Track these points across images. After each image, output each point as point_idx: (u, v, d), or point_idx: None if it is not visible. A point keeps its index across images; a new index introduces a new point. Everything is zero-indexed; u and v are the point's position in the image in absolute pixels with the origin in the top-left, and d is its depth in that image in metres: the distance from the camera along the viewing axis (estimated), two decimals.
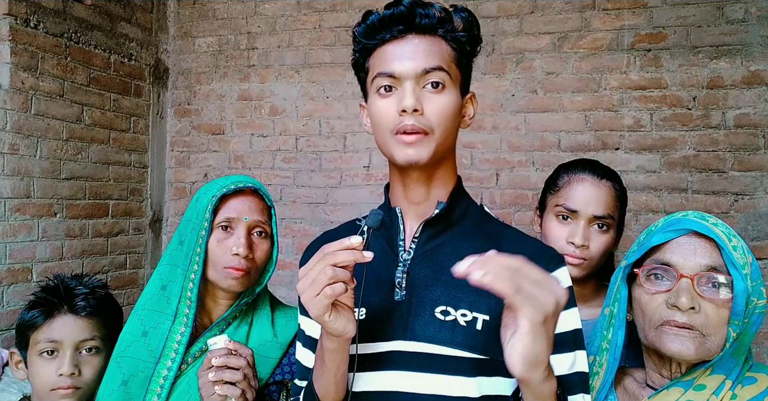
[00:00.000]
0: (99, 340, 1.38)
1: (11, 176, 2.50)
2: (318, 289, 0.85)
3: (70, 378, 1.32)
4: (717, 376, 1.04)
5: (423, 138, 0.97)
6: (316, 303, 0.86)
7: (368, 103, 1.05)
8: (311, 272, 0.87)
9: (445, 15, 1.01)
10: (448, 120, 1.00)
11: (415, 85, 0.98)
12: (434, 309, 0.99)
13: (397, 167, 1.03)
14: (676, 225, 1.09)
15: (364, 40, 1.03)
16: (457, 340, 0.97)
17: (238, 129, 3.28)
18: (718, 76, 2.59)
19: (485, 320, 0.98)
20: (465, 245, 1.04)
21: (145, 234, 3.30)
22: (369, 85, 1.04)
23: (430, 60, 0.98)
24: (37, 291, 1.41)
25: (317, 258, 0.88)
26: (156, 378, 1.25)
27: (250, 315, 1.37)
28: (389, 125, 0.99)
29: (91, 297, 1.39)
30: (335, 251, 0.87)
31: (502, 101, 2.86)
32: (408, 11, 0.98)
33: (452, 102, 1.00)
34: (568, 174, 1.51)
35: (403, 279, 1.02)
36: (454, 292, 1.00)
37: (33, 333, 1.36)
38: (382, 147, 1.03)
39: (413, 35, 0.99)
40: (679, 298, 1.03)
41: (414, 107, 0.96)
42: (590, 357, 1.18)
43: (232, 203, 1.32)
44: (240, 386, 1.14)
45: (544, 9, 2.82)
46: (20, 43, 2.51)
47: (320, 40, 3.14)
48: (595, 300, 1.52)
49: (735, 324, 1.02)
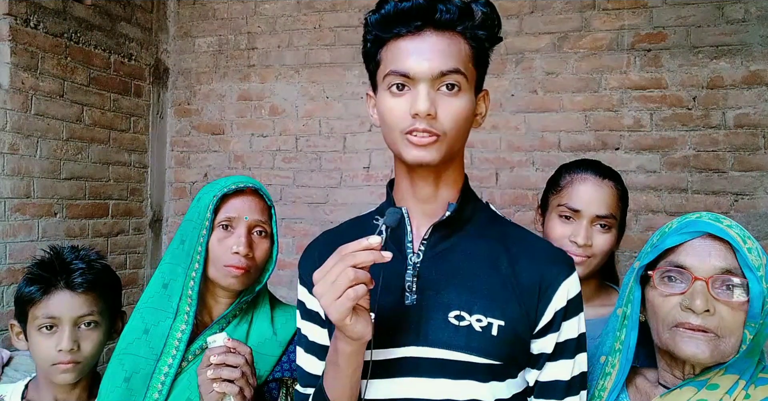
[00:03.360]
0: (97, 314, 1.38)
1: (11, 176, 2.50)
2: (339, 292, 0.82)
3: (69, 354, 1.33)
4: (730, 376, 1.03)
5: (435, 141, 0.94)
6: (337, 306, 0.83)
7: (378, 97, 1.00)
8: (329, 274, 0.84)
9: (465, 9, 0.94)
10: (460, 123, 0.96)
11: (430, 88, 0.93)
12: (447, 314, 0.97)
13: (405, 164, 0.99)
14: (691, 227, 1.08)
15: (377, 31, 0.97)
16: (473, 346, 0.95)
17: (238, 129, 3.28)
18: (718, 76, 2.59)
19: (500, 325, 0.96)
20: (476, 246, 1.02)
21: (145, 234, 3.29)
22: (380, 79, 0.98)
23: (448, 61, 0.93)
24: (33, 265, 1.40)
25: (334, 259, 0.84)
26: (157, 375, 1.26)
27: (250, 313, 1.38)
28: (400, 125, 0.95)
29: (89, 272, 1.38)
30: (354, 252, 0.83)
31: (502, 100, 2.86)
32: (428, 5, 0.92)
33: (466, 105, 0.96)
34: (570, 174, 1.51)
35: (414, 283, 0.98)
36: (467, 296, 0.97)
37: (31, 308, 1.36)
38: (390, 144, 0.99)
39: (431, 32, 0.94)
40: (694, 301, 1.01)
41: (428, 111, 0.91)
42: (602, 358, 1.18)
43: (232, 202, 1.33)
44: (238, 383, 1.15)
45: (544, 9, 2.82)
46: (20, 43, 2.51)
47: (320, 40, 3.14)
48: (597, 300, 1.52)
49: (751, 326, 1.02)
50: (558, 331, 0.99)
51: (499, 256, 1.01)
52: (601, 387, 1.16)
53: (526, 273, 0.99)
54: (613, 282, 1.60)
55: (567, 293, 0.99)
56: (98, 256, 1.46)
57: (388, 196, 1.08)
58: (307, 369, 1.08)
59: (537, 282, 0.98)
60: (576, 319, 1.01)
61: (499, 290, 0.98)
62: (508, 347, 0.96)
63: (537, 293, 0.98)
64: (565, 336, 1.00)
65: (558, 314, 0.98)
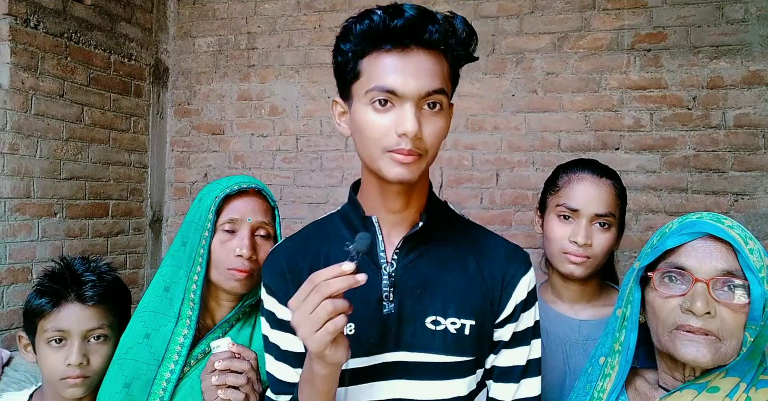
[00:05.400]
0: (107, 328, 1.36)
1: (11, 176, 2.50)
2: (318, 325, 0.81)
3: (78, 368, 1.31)
4: (731, 379, 1.02)
5: (417, 159, 0.94)
6: (316, 339, 0.82)
7: (354, 108, 0.97)
8: (305, 305, 0.82)
9: (450, 29, 0.95)
10: (440, 140, 0.98)
11: (415, 107, 0.92)
12: (425, 320, 1.01)
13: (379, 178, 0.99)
14: (691, 228, 1.07)
15: (360, 42, 0.95)
16: (450, 347, 1.00)
17: (238, 129, 3.28)
18: (718, 76, 2.59)
19: (472, 325, 1.02)
20: (444, 251, 1.06)
21: (145, 234, 3.29)
22: (358, 91, 0.96)
23: (433, 81, 0.93)
24: (43, 277, 1.38)
25: (308, 289, 0.83)
26: (159, 381, 1.24)
27: (254, 316, 1.36)
28: (383, 142, 0.93)
29: (99, 285, 1.36)
30: (328, 281, 0.82)
31: (502, 100, 2.86)
32: (419, 24, 0.92)
33: (446, 122, 0.98)
34: (567, 174, 1.51)
35: (391, 292, 1.01)
36: (440, 301, 1.02)
37: (40, 320, 1.34)
38: (366, 157, 0.98)
39: (417, 50, 0.93)
40: (695, 303, 1.00)
41: (416, 133, 0.91)
42: (602, 359, 1.18)
43: (235, 204, 1.31)
44: (243, 390, 1.14)
45: (544, 9, 2.82)
46: (20, 43, 2.51)
47: (320, 40, 3.14)
48: (598, 300, 1.52)
49: (752, 329, 1.00)
50: (517, 321, 1.06)
51: (466, 256, 1.06)
52: (601, 388, 1.15)
53: (489, 270, 1.06)
54: (612, 282, 1.60)
55: (527, 286, 1.07)
56: (109, 268, 1.43)
57: (354, 201, 1.09)
58: (280, 377, 1.07)
59: (500, 278, 1.05)
60: (533, 309, 1.08)
61: (469, 291, 1.03)
62: (479, 343, 1.03)
63: (500, 288, 1.05)
64: (525, 325, 1.07)
65: (518, 306, 1.06)
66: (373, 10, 0.95)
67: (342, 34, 0.99)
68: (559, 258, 1.46)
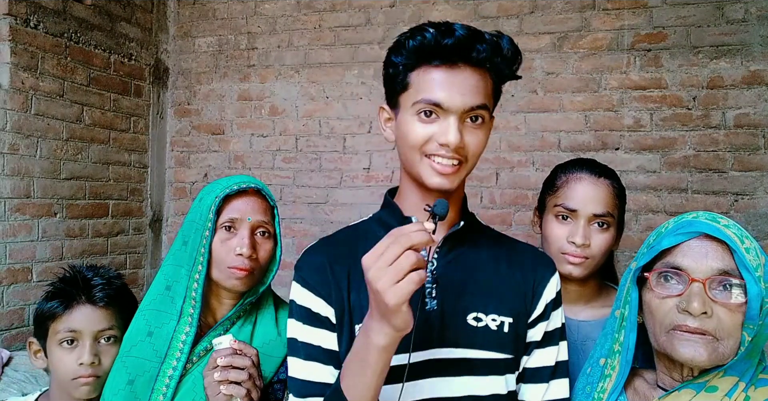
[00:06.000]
0: (116, 329, 1.39)
1: (11, 176, 2.50)
2: (400, 275, 0.80)
3: (90, 368, 1.34)
4: (730, 378, 1.02)
5: (457, 169, 1.00)
6: (397, 290, 0.80)
7: (400, 117, 1.04)
8: (386, 255, 0.81)
9: (496, 48, 1.00)
10: (480, 152, 1.03)
11: (459, 121, 0.98)
12: (466, 317, 1.04)
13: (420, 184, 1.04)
14: (687, 228, 1.06)
15: (412, 56, 1.00)
16: (491, 344, 1.04)
17: (238, 129, 3.28)
18: (718, 76, 2.59)
19: (510, 322, 1.06)
20: (478, 253, 1.10)
21: (145, 234, 3.29)
22: (405, 102, 1.02)
23: (477, 97, 0.99)
24: (55, 281, 1.42)
25: (388, 241, 0.82)
26: (161, 378, 1.26)
27: (254, 314, 1.38)
28: (424, 148, 1.00)
29: (108, 288, 1.41)
30: (410, 234, 0.82)
31: (502, 100, 2.81)
32: (468, 43, 0.97)
33: (487, 135, 1.04)
34: (565, 174, 1.50)
35: (433, 289, 1.04)
36: (481, 298, 1.06)
37: (52, 322, 1.37)
38: (407, 162, 1.04)
39: (464, 67, 0.99)
40: (691, 303, 1.00)
41: (458, 144, 0.97)
42: (602, 360, 1.18)
43: (235, 203, 1.32)
44: (245, 385, 1.15)
45: (544, 9, 2.82)
46: (20, 43, 2.51)
47: (320, 40, 3.14)
48: (597, 300, 1.52)
49: (749, 328, 1.00)
50: (548, 320, 1.10)
51: (498, 260, 1.11)
52: (601, 389, 1.15)
53: (520, 271, 1.10)
54: (612, 282, 1.60)
55: (555, 286, 1.12)
56: (116, 275, 1.49)
57: (391, 204, 1.11)
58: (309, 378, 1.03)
59: (531, 278, 1.10)
60: (560, 309, 1.13)
61: (504, 291, 1.08)
62: (516, 341, 1.07)
63: (531, 286, 1.10)
64: (554, 325, 1.11)
65: (549, 305, 1.10)
66: (426, 28, 1.00)
67: (394, 48, 1.04)
68: (558, 259, 1.45)
